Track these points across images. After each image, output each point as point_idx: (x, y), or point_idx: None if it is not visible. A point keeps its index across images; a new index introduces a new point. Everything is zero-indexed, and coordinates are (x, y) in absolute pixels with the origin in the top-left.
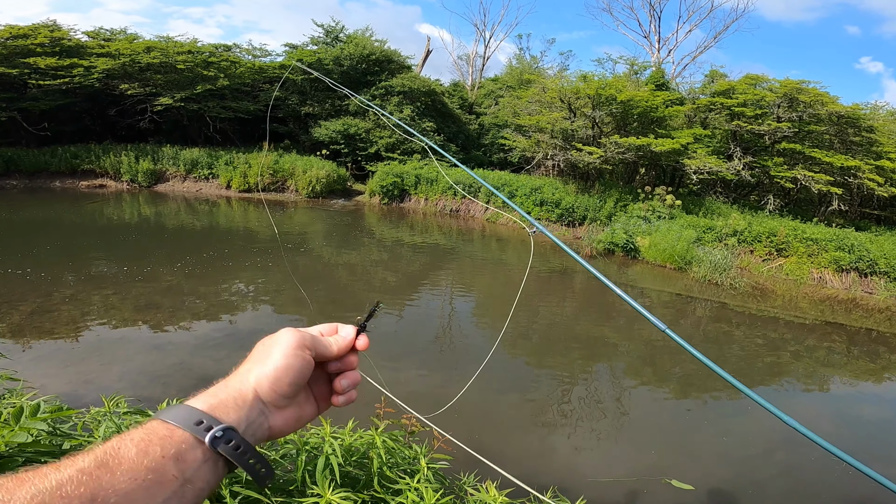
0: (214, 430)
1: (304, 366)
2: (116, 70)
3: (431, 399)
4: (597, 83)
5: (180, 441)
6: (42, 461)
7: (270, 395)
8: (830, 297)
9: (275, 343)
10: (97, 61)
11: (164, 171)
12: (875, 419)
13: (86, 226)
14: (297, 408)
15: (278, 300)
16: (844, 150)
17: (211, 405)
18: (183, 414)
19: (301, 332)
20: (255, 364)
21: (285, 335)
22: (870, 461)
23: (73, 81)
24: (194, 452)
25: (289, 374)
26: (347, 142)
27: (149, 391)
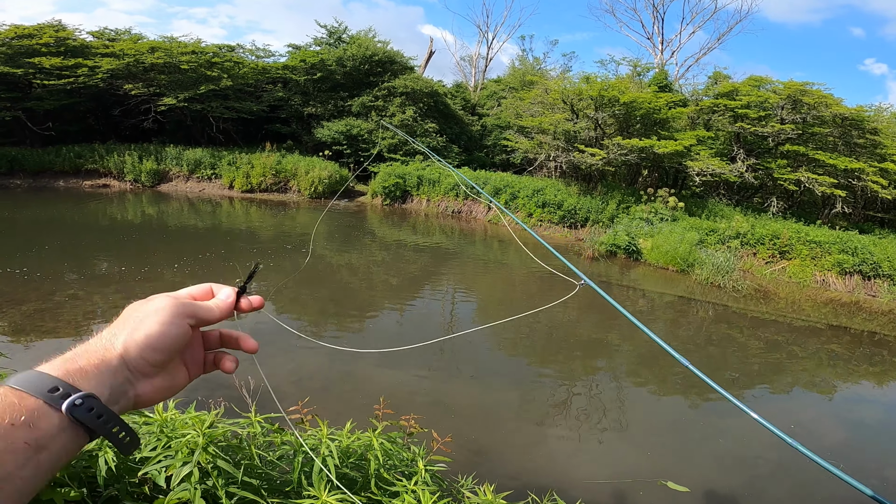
0: (73, 398)
1: (182, 334)
2: (121, 70)
3: (430, 399)
4: (600, 84)
5: (32, 409)
6: None
7: (138, 361)
8: (833, 300)
9: (150, 308)
10: (101, 61)
11: (167, 171)
12: (876, 423)
13: (89, 225)
14: (167, 375)
15: (279, 300)
16: (848, 152)
17: (68, 370)
18: (34, 380)
19: (179, 298)
20: (125, 329)
21: (162, 300)
22: (870, 464)
23: (77, 81)
24: (49, 420)
25: (163, 342)
26: (350, 142)
27: None
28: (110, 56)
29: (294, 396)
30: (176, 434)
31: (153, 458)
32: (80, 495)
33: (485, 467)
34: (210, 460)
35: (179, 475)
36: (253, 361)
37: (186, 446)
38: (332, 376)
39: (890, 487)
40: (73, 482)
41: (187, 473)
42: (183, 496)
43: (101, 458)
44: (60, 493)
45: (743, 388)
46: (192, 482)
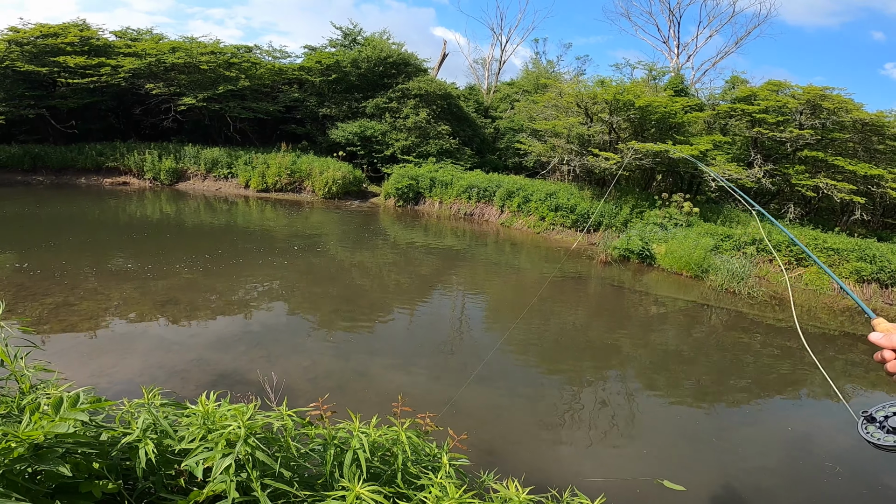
0: None
1: None
2: (142, 70)
3: (444, 402)
4: (614, 88)
5: None
6: (79, 452)
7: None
8: (850, 308)
9: None
10: (124, 61)
11: (185, 169)
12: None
13: (108, 222)
14: None
15: (293, 298)
16: (868, 158)
17: None
18: None
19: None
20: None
21: None
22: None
23: (100, 80)
24: None
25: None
26: (364, 144)
27: (168, 385)
28: (132, 56)
29: (309, 394)
30: (216, 426)
31: (194, 450)
32: (117, 488)
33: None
34: (249, 452)
35: (220, 467)
36: (269, 359)
37: (227, 438)
38: (346, 375)
39: None
40: (112, 474)
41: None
42: (218, 488)
43: (142, 451)
44: (98, 486)
45: (758, 394)
46: (229, 474)
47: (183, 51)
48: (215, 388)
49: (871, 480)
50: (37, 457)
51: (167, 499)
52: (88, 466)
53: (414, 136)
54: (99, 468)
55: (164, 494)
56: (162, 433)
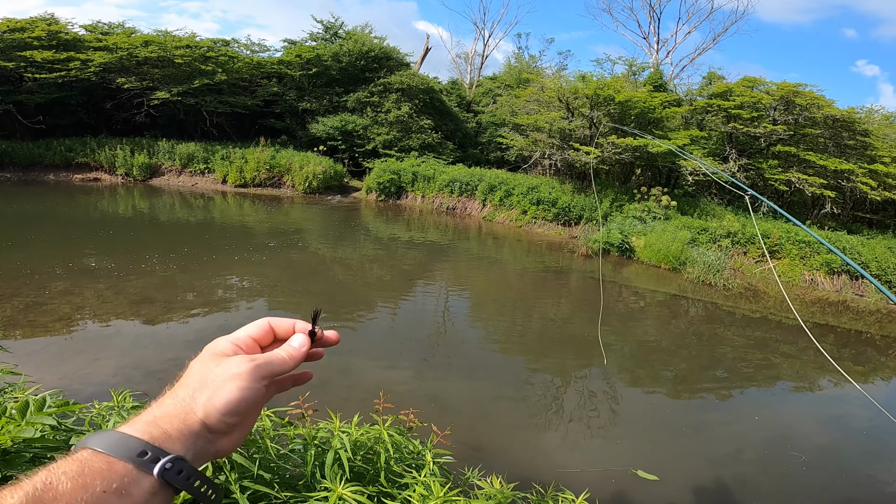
0: (164, 462)
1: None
2: (113, 64)
3: (428, 397)
4: (595, 83)
5: (122, 474)
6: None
7: (219, 425)
8: (821, 299)
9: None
10: (94, 55)
11: (159, 165)
12: (860, 422)
13: (79, 219)
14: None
15: (273, 295)
16: (839, 153)
17: (153, 435)
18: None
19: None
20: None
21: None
22: (854, 461)
23: (69, 75)
24: (140, 485)
25: (243, 406)
26: (345, 138)
27: (144, 386)
28: (103, 50)
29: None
30: None
31: None
32: None
33: (483, 462)
34: None
35: None
36: None
37: None
38: (330, 372)
39: (872, 484)
40: None
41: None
42: None
43: None
44: None
45: (732, 385)
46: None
47: (156, 44)
48: None
49: (834, 471)
50: (5, 462)
51: None
52: None
53: (396, 130)
54: None
55: None
56: None
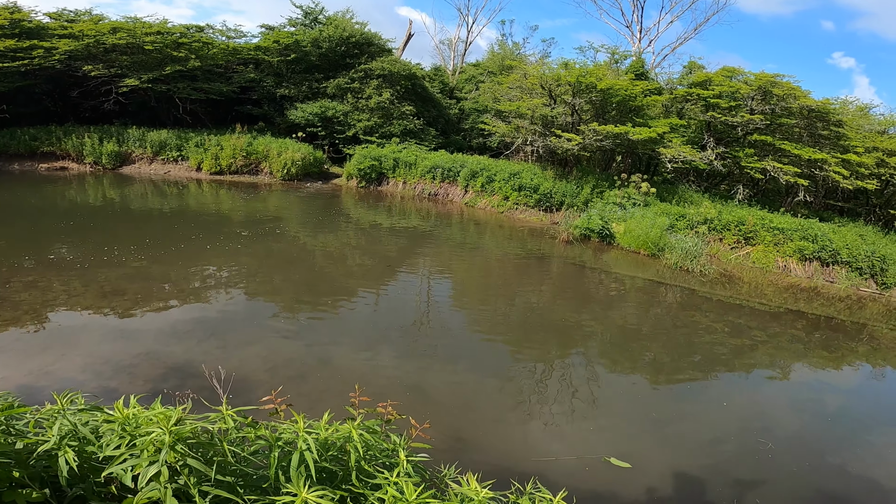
0: None
1: None
2: (79, 51)
3: (409, 387)
4: (578, 71)
5: None
6: None
7: None
8: (794, 286)
9: None
10: (59, 43)
11: (129, 152)
12: (829, 407)
13: (46, 209)
14: None
15: (251, 285)
16: (813, 143)
17: None
18: None
19: None
20: None
21: None
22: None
23: (32, 63)
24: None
25: None
26: (325, 124)
27: (114, 382)
28: (68, 37)
29: (268, 385)
30: (140, 432)
31: (117, 458)
32: (42, 496)
33: (463, 453)
34: (179, 458)
35: (146, 475)
36: (225, 350)
37: (153, 444)
38: (308, 363)
39: (839, 470)
40: (35, 482)
41: (155, 472)
42: (153, 495)
43: (62, 459)
44: (22, 494)
45: (707, 371)
46: (161, 481)
47: (125, 31)
48: (166, 383)
49: (800, 457)
50: None
51: None
52: (8, 475)
53: (377, 116)
54: (20, 477)
55: (96, 502)
56: (84, 440)
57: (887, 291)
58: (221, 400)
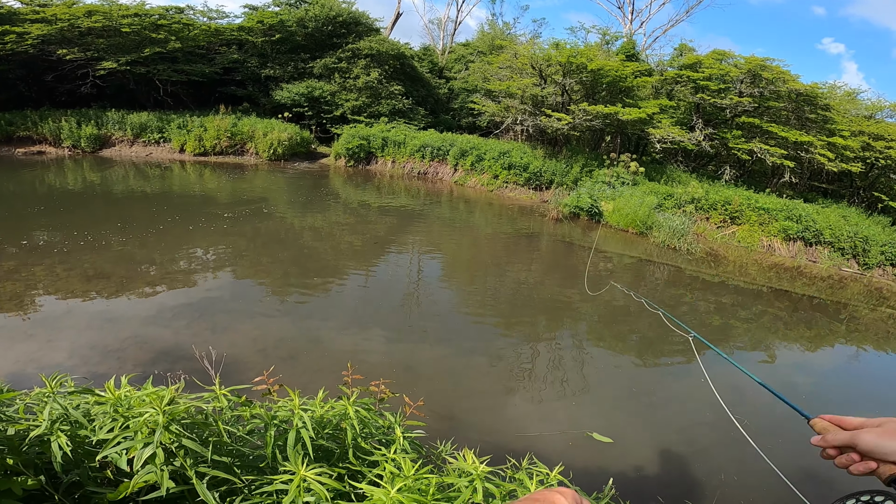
0: None
1: None
2: (53, 35)
3: (401, 366)
4: (568, 51)
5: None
6: None
7: None
8: (778, 265)
9: None
10: (31, 27)
11: (109, 135)
12: (809, 387)
13: (25, 194)
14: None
15: (239, 266)
16: (800, 126)
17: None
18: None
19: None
20: None
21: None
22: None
23: (4, 49)
24: None
25: None
26: (312, 104)
27: (103, 367)
28: (41, 22)
29: (260, 366)
30: (133, 413)
31: (110, 441)
32: (38, 483)
33: (456, 431)
34: (174, 439)
35: (142, 457)
36: (214, 332)
37: (146, 426)
38: (300, 343)
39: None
40: (29, 469)
41: (150, 455)
42: (150, 478)
43: (54, 444)
44: (17, 482)
45: (691, 351)
46: (157, 464)
47: (101, 14)
48: (155, 366)
49: (770, 435)
50: None
51: (97, 492)
52: (2, 463)
53: (365, 96)
54: (14, 464)
55: (92, 488)
56: (75, 424)
57: (868, 272)
58: (213, 380)
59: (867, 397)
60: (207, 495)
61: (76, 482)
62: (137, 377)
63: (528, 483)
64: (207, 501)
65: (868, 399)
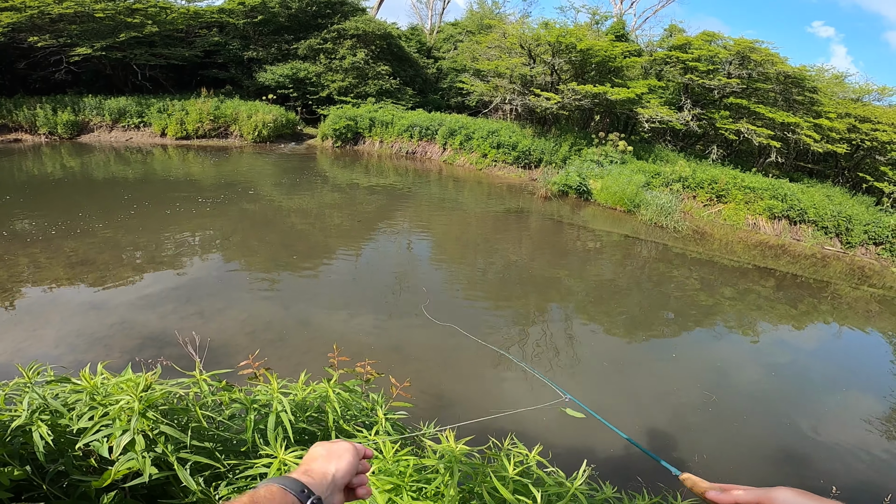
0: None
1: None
2: (23, 23)
3: (390, 346)
4: (558, 31)
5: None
6: None
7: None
8: (762, 243)
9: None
10: (0, 16)
11: (87, 121)
12: (791, 364)
13: (3, 182)
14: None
15: (226, 249)
16: (787, 107)
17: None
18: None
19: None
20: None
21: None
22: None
23: None
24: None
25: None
26: (297, 86)
27: (90, 355)
28: (10, 10)
29: (249, 350)
30: (110, 401)
31: (90, 429)
32: (24, 473)
33: (445, 410)
34: (153, 426)
35: (120, 444)
36: (202, 316)
37: (123, 413)
38: (288, 326)
39: (798, 428)
40: (14, 460)
41: (131, 441)
42: (132, 465)
43: (36, 434)
44: (4, 473)
45: (678, 327)
46: (137, 451)
47: (72, 0)
48: (142, 353)
49: (736, 411)
50: None
51: (82, 480)
52: None
53: (351, 76)
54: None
55: (77, 476)
56: (55, 413)
57: (851, 250)
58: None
59: (849, 375)
60: (189, 480)
61: (61, 471)
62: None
63: (507, 464)
64: (189, 486)
65: (850, 376)
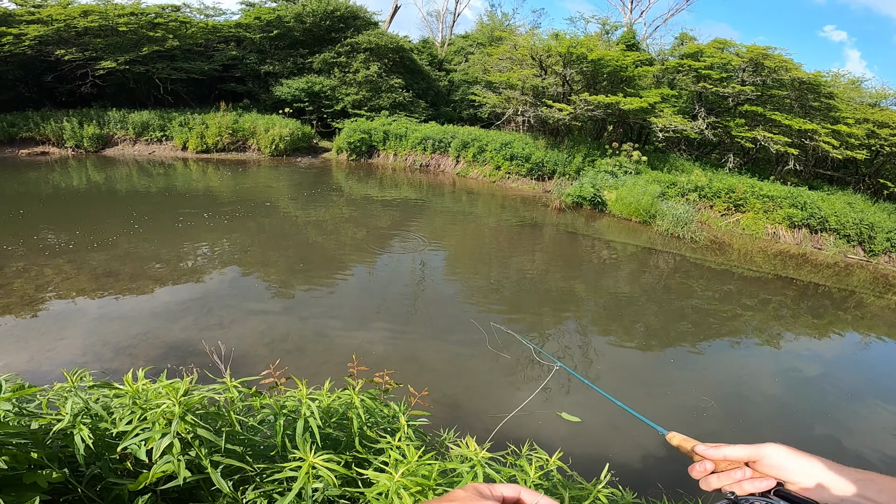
0: None
1: None
2: (50, 36)
3: (406, 357)
4: (568, 41)
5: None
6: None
7: None
8: (783, 252)
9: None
10: (28, 28)
11: (111, 135)
12: (814, 376)
13: (31, 194)
14: None
15: (245, 261)
16: (803, 114)
17: None
18: None
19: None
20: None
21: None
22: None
23: (2, 50)
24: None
25: None
26: (312, 99)
27: (115, 363)
28: (37, 23)
29: (268, 360)
30: (150, 405)
31: (130, 432)
32: (62, 476)
33: (462, 420)
34: (189, 430)
35: (160, 448)
36: (222, 326)
37: (163, 417)
38: (305, 337)
39: (823, 440)
40: (53, 463)
41: (168, 445)
42: (167, 468)
43: (77, 437)
44: (42, 475)
45: (696, 339)
46: (174, 454)
47: (97, 14)
48: (167, 362)
49: (736, 416)
50: None
51: (118, 483)
52: (27, 457)
53: (365, 90)
54: (38, 458)
55: (113, 479)
56: (96, 417)
57: (874, 258)
58: (224, 374)
59: (874, 386)
60: (222, 483)
61: (97, 475)
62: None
63: (528, 468)
64: (222, 489)
65: (875, 388)
